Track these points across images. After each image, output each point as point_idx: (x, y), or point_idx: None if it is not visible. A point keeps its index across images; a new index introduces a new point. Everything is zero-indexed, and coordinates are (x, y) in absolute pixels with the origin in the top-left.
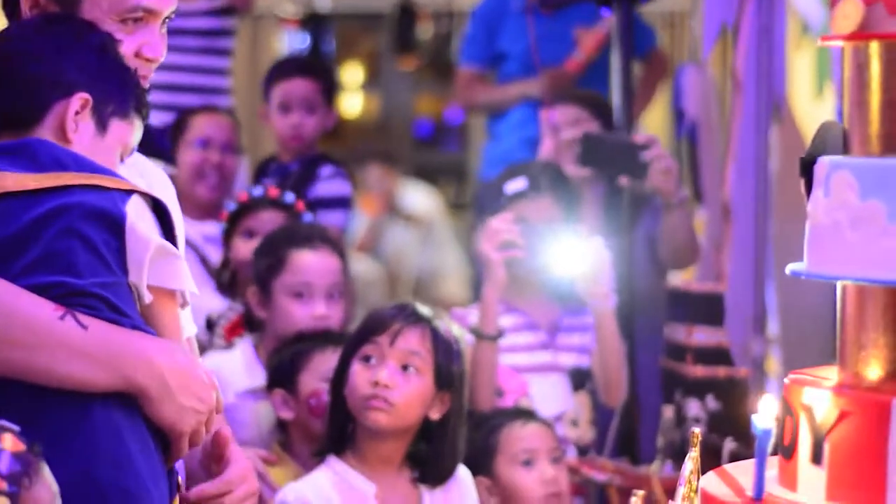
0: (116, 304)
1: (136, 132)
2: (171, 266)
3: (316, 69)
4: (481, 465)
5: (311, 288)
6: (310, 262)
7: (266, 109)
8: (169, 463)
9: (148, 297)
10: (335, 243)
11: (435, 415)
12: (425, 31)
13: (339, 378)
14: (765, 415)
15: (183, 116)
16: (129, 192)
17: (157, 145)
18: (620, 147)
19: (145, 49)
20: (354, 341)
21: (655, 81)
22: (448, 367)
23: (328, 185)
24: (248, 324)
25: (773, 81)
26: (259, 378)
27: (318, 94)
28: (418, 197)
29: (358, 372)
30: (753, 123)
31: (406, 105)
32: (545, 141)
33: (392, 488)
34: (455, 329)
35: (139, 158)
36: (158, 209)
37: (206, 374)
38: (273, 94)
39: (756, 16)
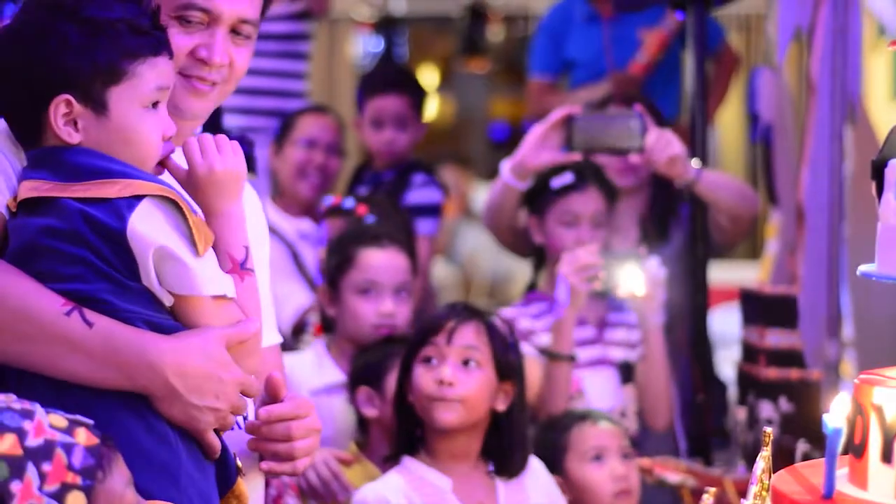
0: (129, 308)
1: (154, 76)
2: (177, 270)
3: (407, 84)
4: (553, 463)
5: (378, 286)
6: (377, 261)
7: (360, 120)
8: (209, 456)
9: (168, 300)
10: (404, 243)
11: (501, 406)
12: (496, 33)
13: (402, 383)
14: (837, 414)
15: (291, 117)
16: (138, 198)
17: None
18: (608, 123)
19: (200, 50)
20: (413, 346)
21: (727, 79)
22: (506, 358)
23: (421, 192)
24: (323, 323)
25: (847, 84)
26: (331, 376)
27: (409, 110)
28: None
29: (421, 374)
30: (828, 126)
31: (480, 108)
32: None
33: (468, 482)
34: (505, 322)
35: None
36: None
37: (231, 373)
38: (366, 108)
39: (831, 18)
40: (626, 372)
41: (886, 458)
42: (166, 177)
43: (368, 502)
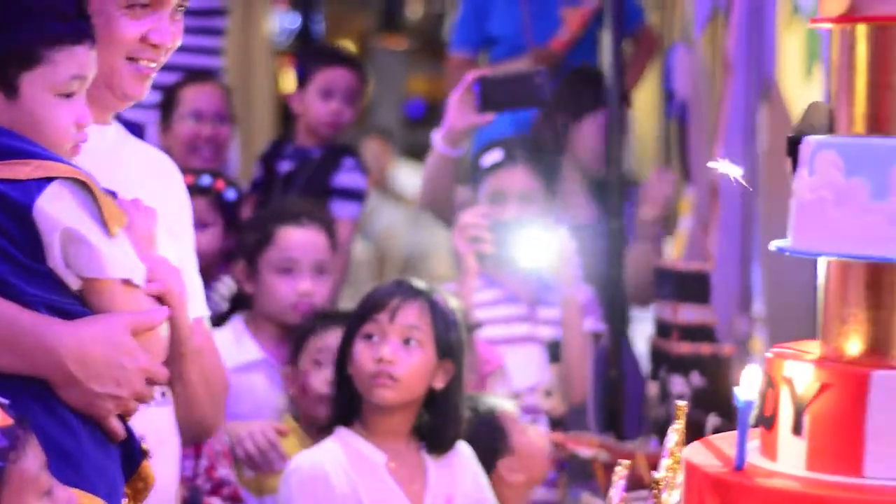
0: (32, 292)
1: (72, 65)
2: (84, 252)
3: (356, 61)
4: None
5: (297, 264)
6: (296, 239)
7: (301, 93)
8: (112, 439)
9: (75, 283)
10: (323, 220)
11: (439, 384)
12: (414, 11)
13: (343, 356)
14: (748, 386)
15: (172, 90)
16: (49, 180)
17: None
18: (516, 80)
19: (152, 34)
20: (355, 320)
21: (645, 58)
22: (447, 337)
23: (349, 176)
24: (240, 299)
25: (762, 62)
26: (250, 353)
27: (357, 85)
28: (409, 176)
29: (361, 350)
30: (743, 104)
31: (397, 85)
32: None
33: (401, 458)
34: (451, 300)
35: (146, 149)
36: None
37: (135, 360)
38: (314, 78)
39: None
40: (556, 351)
41: (796, 429)
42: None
43: (304, 469)
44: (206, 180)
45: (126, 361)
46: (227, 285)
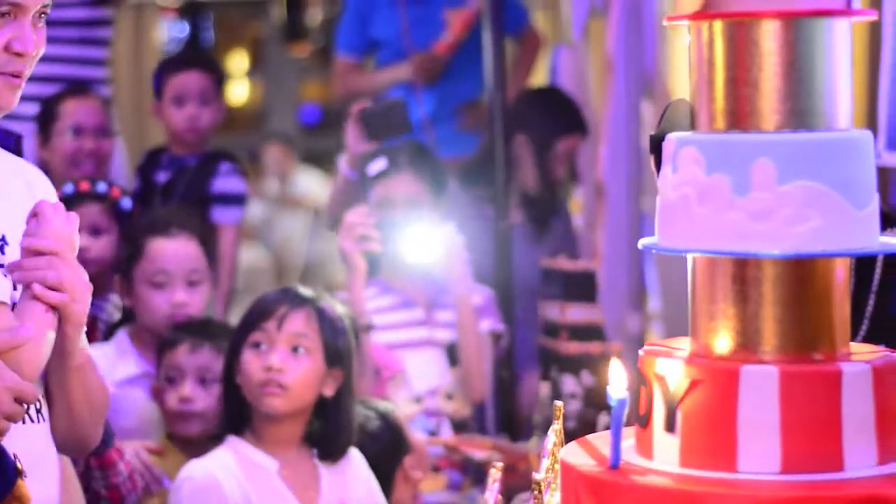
0: None
1: None
2: None
3: (207, 62)
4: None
5: (168, 275)
6: (166, 250)
7: (158, 104)
8: None
9: None
10: (194, 229)
11: (328, 391)
12: (314, 17)
13: (230, 365)
14: (615, 381)
15: (50, 103)
16: None
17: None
18: (386, 111)
19: (15, 43)
20: (242, 329)
21: (530, 60)
22: (336, 345)
23: (226, 181)
24: (124, 313)
25: (643, 60)
26: (131, 367)
27: (211, 87)
28: (306, 183)
29: (249, 360)
30: (624, 102)
31: (291, 91)
32: None
33: (293, 465)
34: (339, 307)
35: (17, 162)
36: None
37: (1, 379)
38: (166, 87)
39: None
40: (455, 353)
41: (669, 427)
42: None
43: (196, 478)
44: (102, 187)
45: None
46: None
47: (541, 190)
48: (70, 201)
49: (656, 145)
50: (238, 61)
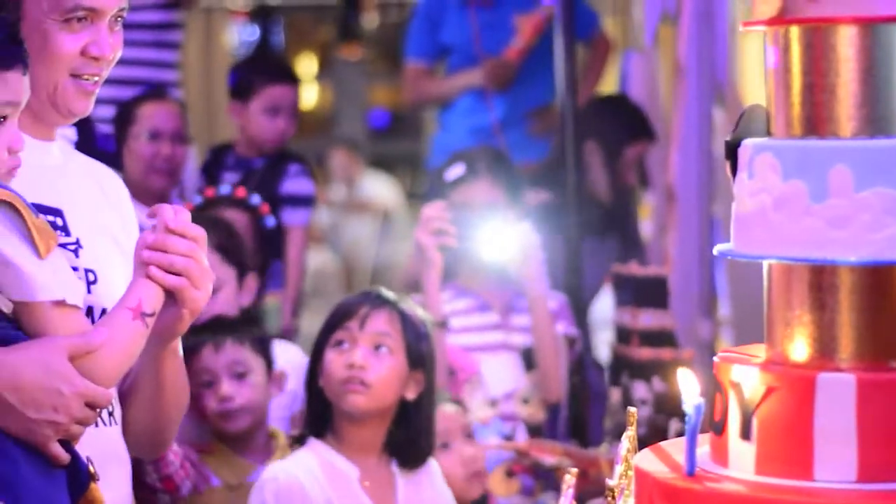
0: None
1: (2, 91)
2: (11, 275)
3: (295, 76)
4: None
5: None
6: None
7: (239, 106)
8: (55, 464)
9: (6, 307)
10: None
11: (410, 395)
12: (371, 20)
13: (313, 368)
14: (689, 390)
15: (129, 106)
16: None
17: (100, 148)
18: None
19: (91, 48)
20: (325, 330)
21: (600, 65)
22: (418, 347)
23: (295, 182)
24: None
25: (715, 66)
26: None
27: (297, 100)
28: (375, 187)
29: (332, 358)
30: (696, 108)
31: (359, 95)
32: None
33: (372, 474)
34: (420, 311)
35: (91, 164)
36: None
37: (73, 386)
38: (257, 94)
39: (697, 2)
40: (531, 358)
41: (745, 434)
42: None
43: (279, 480)
44: (255, 200)
45: (63, 387)
46: None
47: (611, 195)
48: (221, 201)
49: (732, 151)
50: (307, 65)
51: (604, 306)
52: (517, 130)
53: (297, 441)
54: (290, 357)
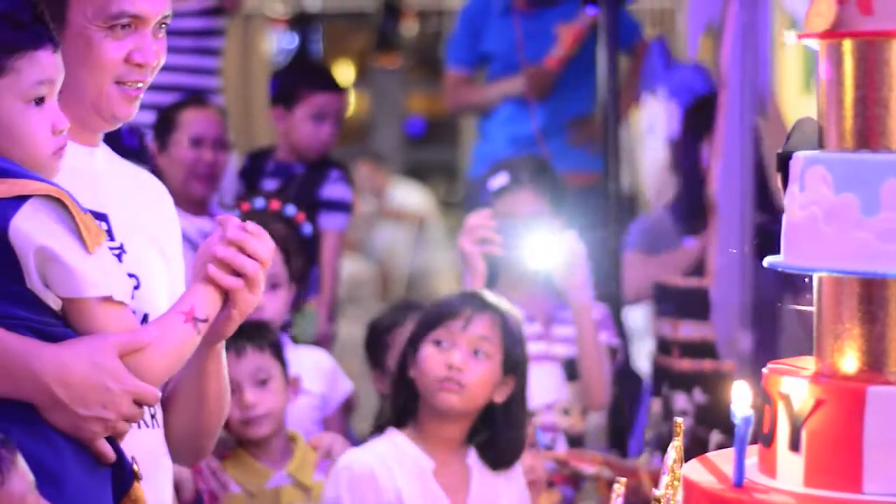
0: (12, 313)
1: (36, 71)
2: (60, 272)
3: (339, 83)
4: None
5: None
6: None
7: (284, 113)
8: (101, 461)
9: (56, 303)
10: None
11: (498, 398)
12: (410, 28)
13: (405, 360)
14: (740, 400)
15: (170, 113)
16: (24, 198)
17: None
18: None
19: (135, 55)
20: (425, 325)
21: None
22: (514, 353)
23: (335, 188)
24: None
25: (757, 78)
26: None
27: (342, 108)
28: (409, 195)
29: (431, 355)
30: (738, 119)
31: (396, 103)
32: None
33: (447, 466)
34: (519, 317)
35: (135, 170)
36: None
37: (121, 383)
38: (305, 101)
39: (740, 13)
40: (573, 368)
41: (794, 446)
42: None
43: (354, 468)
44: (290, 211)
45: (111, 384)
46: None
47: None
48: (256, 215)
49: (783, 163)
50: (344, 73)
51: (639, 317)
52: (558, 139)
53: (378, 430)
54: (317, 362)
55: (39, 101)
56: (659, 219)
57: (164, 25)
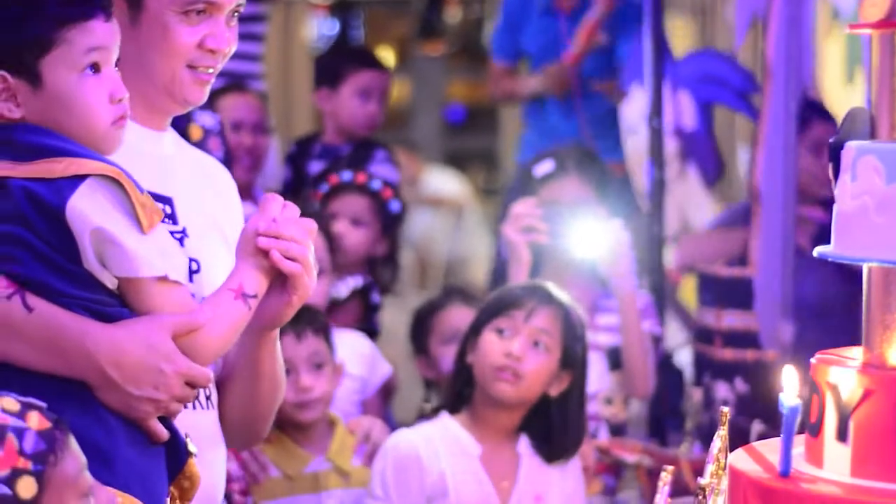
0: (69, 292)
1: (87, 39)
2: (115, 252)
3: (382, 62)
4: None
5: None
6: None
7: (329, 93)
8: (153, 439)
9: (112, 283)
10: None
11: (554, 392)
12: (453, 15)
13: (466, 344)
14: (789, 387)
15: (210, 99)
16: (81, 178)
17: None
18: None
19: (208, 41)
20: (488, 313)
21: None
22: (573, 348)
23: (381, 168)
24: None
25: (802, 69)
26: None
27: (387, 85)
28: (448, 182)
29: (491, 342)
30: (783, 110)
31: (437, 90)
32: None
33: (496, 452)
34: (581, 313)
35: (202, 156)
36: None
37: (174, 364)
38: (349, 80)
39: (785, 5)
40: (616, 358)
41: (842, 436)
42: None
43: (400, 449)
44: (376, 184)
45: (165, 365)
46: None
47: None
48: (342, 189)
49: (835, 153)
50: (385, 59)
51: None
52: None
53: (434, 412)
54: (356, 346)
55: (96, 70)
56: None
57: (236, 13)
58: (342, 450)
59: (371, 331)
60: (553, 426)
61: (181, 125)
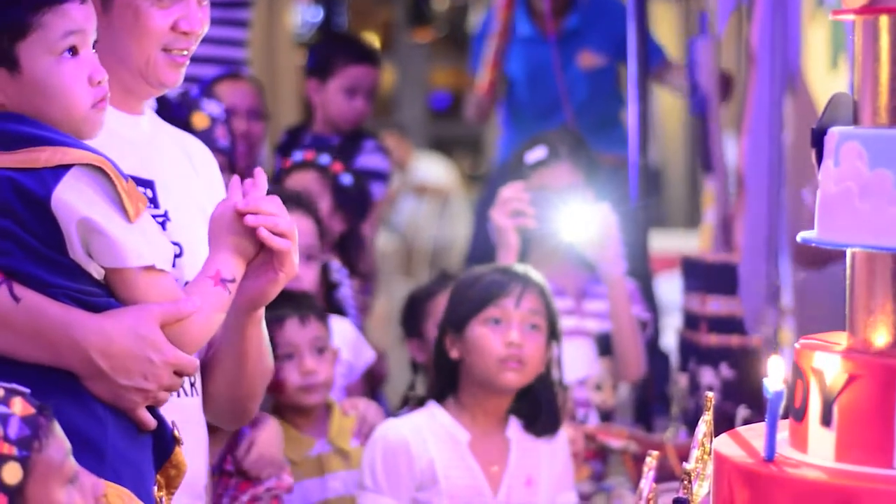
0: (55, 283)
1: (63, 22)
2: (102, 242)
3: (375, 57)
4: None
5: None
6: None
7: (318, 86)
8: (141, 428)
9: (98, 273)
10: (308, 206)
11: (543, 367)
12: (441, 2)
13: (443, 339)
14: (774, 376)
15: (206, 86)
16: (66, 168)
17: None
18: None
19: (181, 23)
20: (474, 306)
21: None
22: (555, 323)
23: (370, 158)
24: None
25: (787, 54)
26: None
27: (378, 83)
28: (434, 169)
29: (486, 335)
30: (767, 96)
31: (421, 77)
32: None
33: (485, 439)
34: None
35: (181, 135)
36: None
37: (162, 354)
38: (338, 74)
39: None
40: (605, 344)
41: (826, 421)
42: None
43: (389, 438)
44: (324, 159)
45: (153, 355)
46: None
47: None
48: (293, 169)
49: (818, 139)
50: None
51: (666, 291)
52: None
53: (419, 403)
54: (341, 331)
55: (74, 53)
56: None
57: None
58: (341, 432)
59: (337, 310)
60: (539, 399)
61: (185, 113)
